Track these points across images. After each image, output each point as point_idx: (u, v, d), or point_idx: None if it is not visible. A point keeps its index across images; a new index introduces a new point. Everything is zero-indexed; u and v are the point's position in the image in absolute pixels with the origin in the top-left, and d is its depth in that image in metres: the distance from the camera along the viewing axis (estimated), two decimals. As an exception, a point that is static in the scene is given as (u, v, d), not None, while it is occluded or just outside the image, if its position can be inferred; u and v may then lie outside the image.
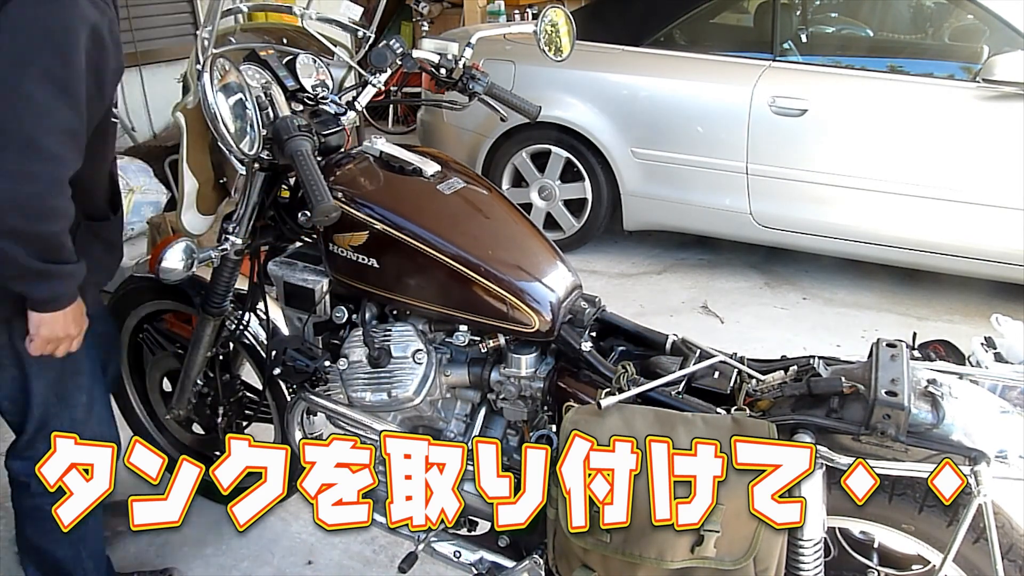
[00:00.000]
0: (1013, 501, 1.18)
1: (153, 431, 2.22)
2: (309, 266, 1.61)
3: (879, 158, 3.21)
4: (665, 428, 1.17)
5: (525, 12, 6.81)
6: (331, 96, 1.62)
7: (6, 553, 2.08)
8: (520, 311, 1.42)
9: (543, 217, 3.95)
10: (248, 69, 1.50)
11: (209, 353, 1.83)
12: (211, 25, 1.30)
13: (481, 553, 1.56)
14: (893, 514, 1.21)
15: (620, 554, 1.17)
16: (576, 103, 3.64)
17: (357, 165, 1.56)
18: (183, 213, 1.58)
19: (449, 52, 1.72)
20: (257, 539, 2.12)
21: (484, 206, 1.60)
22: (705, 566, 1.15)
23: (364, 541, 2.10)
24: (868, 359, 1.21)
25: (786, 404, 1.25)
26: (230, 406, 1.96)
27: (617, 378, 1.34)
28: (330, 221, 1.32)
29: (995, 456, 1.08)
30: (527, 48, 3.62)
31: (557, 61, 1.79)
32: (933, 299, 3.47)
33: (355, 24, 1.74)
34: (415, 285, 1.47)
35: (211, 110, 1.31)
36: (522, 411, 1.52)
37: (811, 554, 1.20)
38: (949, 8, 3.95)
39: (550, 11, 1.75)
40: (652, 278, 3.78)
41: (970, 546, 1.15)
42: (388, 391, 1.47)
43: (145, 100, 4.21)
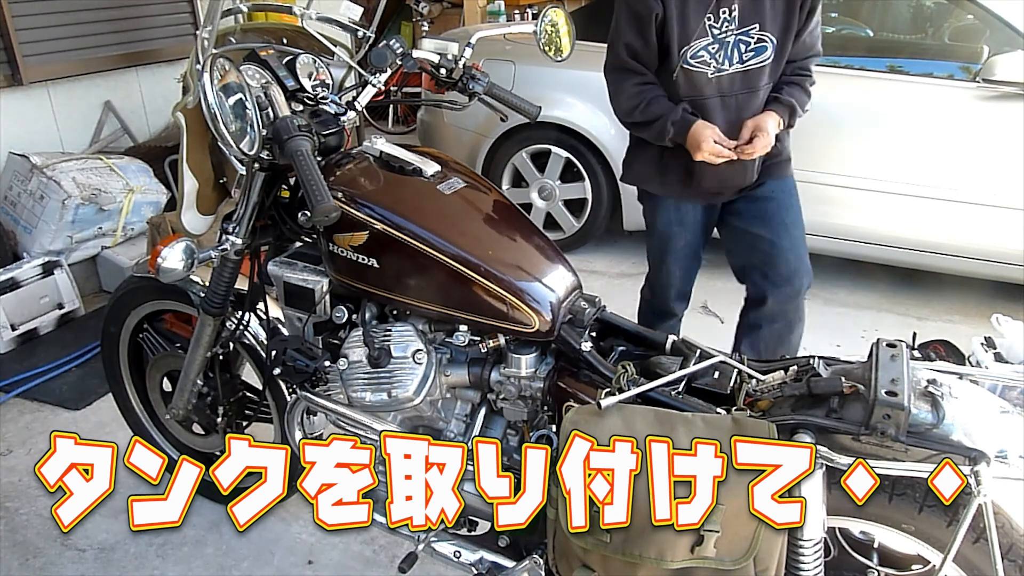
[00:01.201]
0: (1013, 501, 1.17)
1: (153, 431, 2.23)
2: (309, 266, 1.61)
3: (879, 158, 3.21)
4: (665, 428, 1.17)
5: (525, 12, 6.81)
6: (331, 96, 1.62)
7: (6, 553, 2.08)
8: (520, 311, 1.42)
9: (543, 217, 3.95)
10: (248, 69, 1.50)
11: (209, 353, 1.83)
12: (211, 25, 1.30)
13: (481, 553, 1.56)
14: (893, 514, 1.21)
15: (620, 554, 1.17)
16: (576, 103, 3.64)
17: (357, 165, 1.56)
18: (183, 213, 1.58)
19: (449, 52, 1.71)
20: (257, 539, 2.12)
21: (484, 206, 1.60)
22: (705, 566, 1.15)
23: (364, 541, 2.10)
24: (868, 359, 1.21)
25: (786, 404, 1.25)
26: (230, 406, 1.96)
27: (617, 378, 1.34)
28: (330, 221, 1.32)
29: (995, 456, 1.08)
30: (527, 48, 3.62)
31: (557, 61, 1.79)
32: (933, 299, 3.47)
33: (355, 24, 1.74)
34: (415, 285, 1.47)
35: (211, 110, 1.31)
36: (522, 411, 1.52)
37: (811, 554, 1.20)
38: (949, 8, 3.95)
39: (550, 11, 1.75)
40: (652, 278, 3.78)
41: (970, 546, 1.16)
42: (388, 391, 1.47)
43: (143, 100, 4.20)
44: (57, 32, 3.69)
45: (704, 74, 1.95)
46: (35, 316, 3.17)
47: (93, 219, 3.42)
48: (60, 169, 3.34)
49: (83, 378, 2.90)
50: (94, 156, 3.60)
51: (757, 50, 1.93)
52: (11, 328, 3.08)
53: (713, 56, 1.93)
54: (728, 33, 1.91)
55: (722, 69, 1.95)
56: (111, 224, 3.52)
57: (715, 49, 1.92)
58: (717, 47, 1.92)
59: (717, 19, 1.90)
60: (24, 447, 2.50)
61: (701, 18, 1.90)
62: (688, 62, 1.93)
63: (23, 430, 2.60)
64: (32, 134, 3.64)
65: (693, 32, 1.90)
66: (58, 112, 3.77)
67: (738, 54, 1.93)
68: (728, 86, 1.97)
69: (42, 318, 3.19)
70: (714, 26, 1.91)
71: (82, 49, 3.83)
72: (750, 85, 1.98)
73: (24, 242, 3.37)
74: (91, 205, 3.36)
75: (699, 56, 1.93)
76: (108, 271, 3.56)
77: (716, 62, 1.94)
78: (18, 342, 3.10)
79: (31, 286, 3.16)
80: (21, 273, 3.13)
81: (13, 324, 3.09)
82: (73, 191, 3.28)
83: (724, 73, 1.95)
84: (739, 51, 1.93)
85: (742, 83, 1.97)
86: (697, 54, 1.93)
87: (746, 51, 1.93)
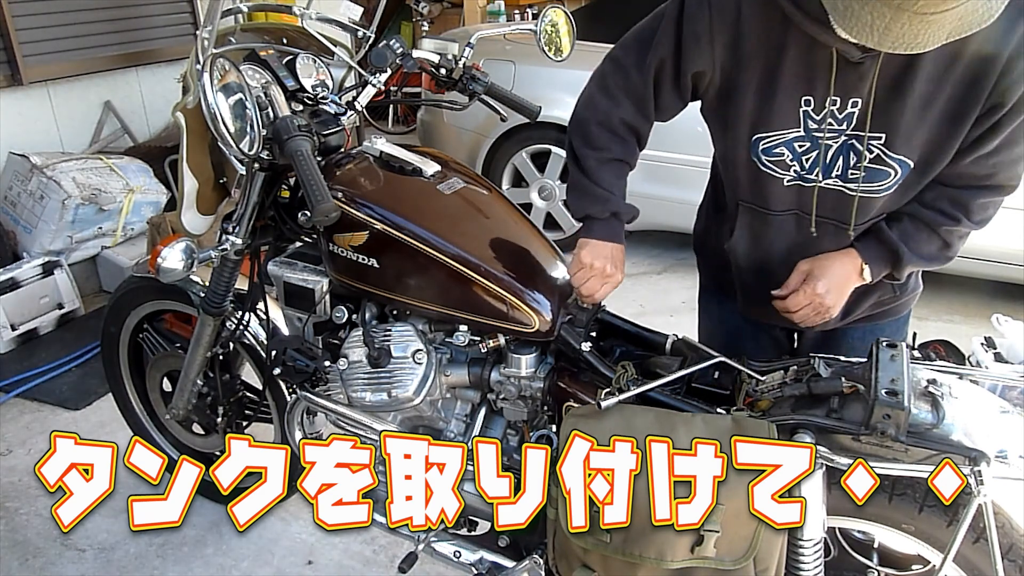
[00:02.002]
0: (1013, 501, 1.17)
1: (153, 431, 2.23)
2: (309, 266, 1.61)
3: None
4: (665, 428, 1.17)
5: (525, 12, 6.81)
6: (331, 96, 1.63)
7: (6, 553, 2.08)
8: (520, 311, 1.42)
9: (543, 217, 3.95)
10: (248, 69, 1.50)
11: (209, 353, 1.83)
12: (211, 25, 1.30)
13: (481, 553, 1.56)
14: (893, 514, 1.20)
15: (620, 554, 1.17)
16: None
17: (357, 165, 1.56)
18: (183, 213, 1.58)
19: (449, 52, 1.72)
20: (257, 539, 2.12)
21: (484, 206, 1.60)
22: (705, 566, 1.15)
23: (364, 541, 2.10)
24: (868, 359, 1.21)
25: (786, 404, 1.25)
26: (230, 406, 1.96)
27: (617, 378, 1.34)
28: (330, 221, 1.32)
29: (995, 456, 1.08)
30: (527, 48, 3.62)
31: (557, 61, 1.79)
32: (933, 299, 3.47)
33: (355, 24, 1.74)
34: (415, 285, 1.47)
35: (211, 110, 1.31)
36: (522, 411, 1.52)
37: (811, 554, 1.20)
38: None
39: (550, 11, 1.75)
40: (652, 278, 3.78)
41: (970, 546, 1.16)
42: (388, 391, 1.47)
43: (143, 100, 4.20)
44: (57, 32, 3.69)
45: (779, 180, 1.31)
46: (35, 316, 3.18)
47: (93, 219, 3.42)
48: (60, 169, 3.34)
49: (83, 378, 2.90)
50: (94, 156, 3.60)
51: (877, 171, 1.25)
52: (11, 328, 3.08)
53: (798, 158, 1.28)
54: (834, 133, 1.24)
55: (808, 179, 1.29)
56: (111, 224, 3.52)
57: (804, 148, 1.27)
58: (809, 147, 1.27)
59: (820, 109, 1.23)
60: (24, 447, 2.50)
61: (797, 100, 1.24)
62: (760, 156, 1.30)
63: (23, 430, 2.60)
64: (32, 134, 3.64)
65: (778, 116, 1.25)
66: (58, 112, 3.77)
67: (843, 165, 1.27)
68: (809, 204, 1.31)
69: (42, 318, 3.19)
70: (812, 117, 1.24)
71: (82, 49, 3.83)
72: (846, 216, 1.30)
73: (24, 242, 3.38)
74: (91, 205, 3.36)
75: (777, 153, 1.29)
76: (108, 271, 3.56)
77: (801, 167, 1.29)
78: (18, 342, 3.11)
79: (31, 286, 3.16)
80: (21, 273, 3.13)
81: (13, 324, 3.09)
82: (73, 191, 3.28)
83: (809, 185, 1.30)
84: (846, 161, 1.26)
85: (835, 208, 1.30)
86: (775, 149, 1.29)
87: (856, 164, 1.25)
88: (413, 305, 1.51)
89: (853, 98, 1.20)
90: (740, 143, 1.31)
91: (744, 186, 1.37)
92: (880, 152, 1.23)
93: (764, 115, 1.26)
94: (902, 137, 1.21)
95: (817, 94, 1.22)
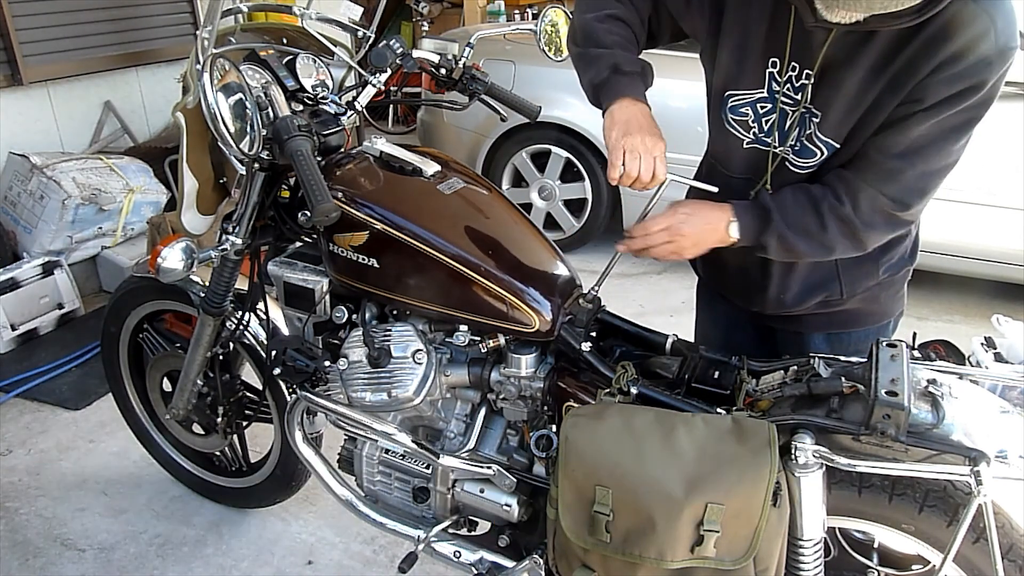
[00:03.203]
0: (1013, 501, 1.18)
1: (153, 431, 2.23)
2: (309, 266, 1.61)
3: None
4: (665, 428, 1.17)
5: (525, 12, 6.82)
6: (331, 96, 1.63)
7: (6, 553, 2.08)
8: (520, 311, 1.42)
9: (543, 217, 3.95)
10: (248, 69, 1.50)
11: (209, 353, 1.84)
12: (211, 25, 1.30)
13: (481, 553, 1.56)
14: (893, 514, 1.21)
15: (620, 554, 1.17)
16: (576, 103, 3.64)
17: (357, 165, 1.56)
18: (183, 213, 1.58)
19: (449, 52, 1.72)
20: (257, 539, 2.12)
21: (484, 206, 1.60)
22: (705, 566, 1.15)
23: (364, 541, 2.10)
24: (868, 359, 1.21)
25: (786, 404, 1.25)
26: (230, 406, 1.96)
27: (617, 378, 1.34)
28: (330, 221, 1.32)
29: (995, 456, 1.08)
30: (527, 48, 3.62)
31: (557, 61, 1.79)
32: (933, 299, 3.47)
33: (355, 24, 1.74)
34: (415, 285, 1.47)
35: (211, 110, 1.31)
36: (522, 411, 1.52)
37: (811, 554, 1.20)
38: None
39: (550, 11, 1.75)
40: (652, 278, 3.78)
41: (970, 546, 1.16)
42: (388, 391, 1.47)
43: (143, 100, 4.20)
44: (57, 32, 3.70)
45: (740, 141, 1.34)
46: (35, 316, 3.18)
47: (93, 219, 3.42)
48: (60, 169, 3.34)
49: (83, 378, 2.90)
50: (94, 156, 3.60)
51: (807, 148, 1.27)
52: (11, 328, 3.08)
53: (759, 119, 1.30)
54: (791, 101, 1.25)
55: (764, 143, 1.31)
56: (111, 224, 3.52)
57: (766, 110, 1.28)
58: (769, 108, 1.27)
59: (783, 71, 1.24)
60: (24, 447, 2.50)
61: (765, 61, 1.25)
62: (727, 114, 1.33)
63: (23, 430, 2.60)
64: (32, 134, 3.65)
65: (748, 75, 1.27)
66: (58, 112, 3.78)
67: (795, 136, 1.27)
68: (763, 171, 1.32)
69: (42, 318, 3.20)
70: (777, 80, 1.25)
71: (82, 49, 3.83)
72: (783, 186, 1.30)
73: (24, 242, 3.38)
74: (91, 205, 3.36)
75: (743, 113, 1.31)
76: (108, 271, 3.56)
77: (760, 129, 1.30)
78: (18, 342, 3.11)
79: (31, 286, 3.16)
80: (21, 273, 3.13)
81: (13, 324, 3.09)
82: (73, 191, 3.28)
83: (765, 150, 1.31)
84: (799, 133, 1.26)
85: (784, 180, 1.31)
86: (741, 108, 1.31)
87: (802, 137, 1.26)
88: (413, 305, 1.51)
89: (807, 70, 1.21)
90: (716, 97, 1.35)
91: (714, 144, 1.41)
92: (815, 130, 1.24)
93: (737, 72, 1.28)
94: (831, 120, 1.21)
95: (782, 58, 1.22)
